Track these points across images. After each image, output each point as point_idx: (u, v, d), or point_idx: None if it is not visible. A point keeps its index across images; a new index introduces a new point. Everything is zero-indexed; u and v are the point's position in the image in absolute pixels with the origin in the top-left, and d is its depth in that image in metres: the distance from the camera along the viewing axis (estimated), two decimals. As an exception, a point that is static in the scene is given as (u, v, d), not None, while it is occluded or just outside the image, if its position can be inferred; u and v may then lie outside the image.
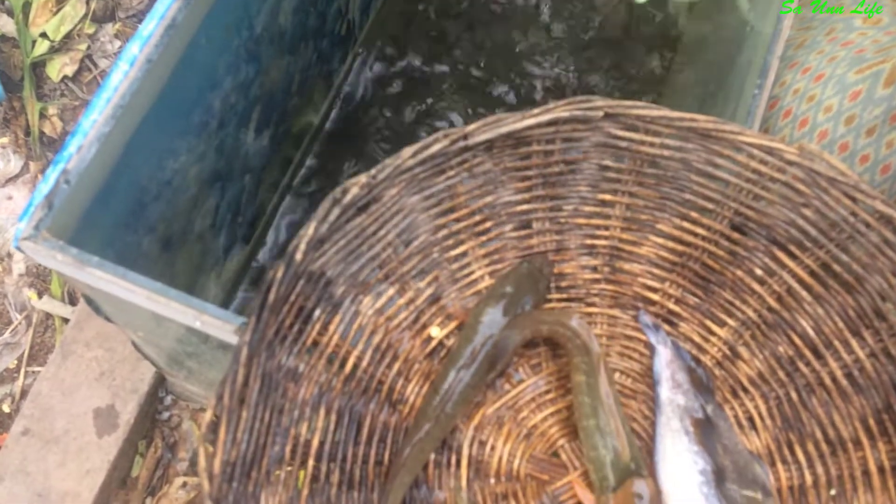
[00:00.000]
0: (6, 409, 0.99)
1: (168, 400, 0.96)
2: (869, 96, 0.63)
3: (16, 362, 1.02)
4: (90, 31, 1.21)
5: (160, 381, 0.93)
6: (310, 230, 0.45)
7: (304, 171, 1.01)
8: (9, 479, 0.87)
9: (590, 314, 0.55)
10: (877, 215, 0.49)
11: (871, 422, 0.50)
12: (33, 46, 1.17)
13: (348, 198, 0.46)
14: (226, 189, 0.85)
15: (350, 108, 1.04)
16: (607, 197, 0.54)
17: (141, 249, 0.73)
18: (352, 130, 1.03)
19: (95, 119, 0.58)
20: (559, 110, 0.50)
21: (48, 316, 1.04)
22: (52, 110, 1.15)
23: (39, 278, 1.06)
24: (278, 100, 0.88)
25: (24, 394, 1.00)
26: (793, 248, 0.52)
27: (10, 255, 1.07)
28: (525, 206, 0.54)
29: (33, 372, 1.01)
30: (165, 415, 0.95)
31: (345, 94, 1.05)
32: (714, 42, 0.86)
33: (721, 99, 0.71)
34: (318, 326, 0.47)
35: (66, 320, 1.02)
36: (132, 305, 0.56)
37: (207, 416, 0.43)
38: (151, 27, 0.58)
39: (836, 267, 0.51)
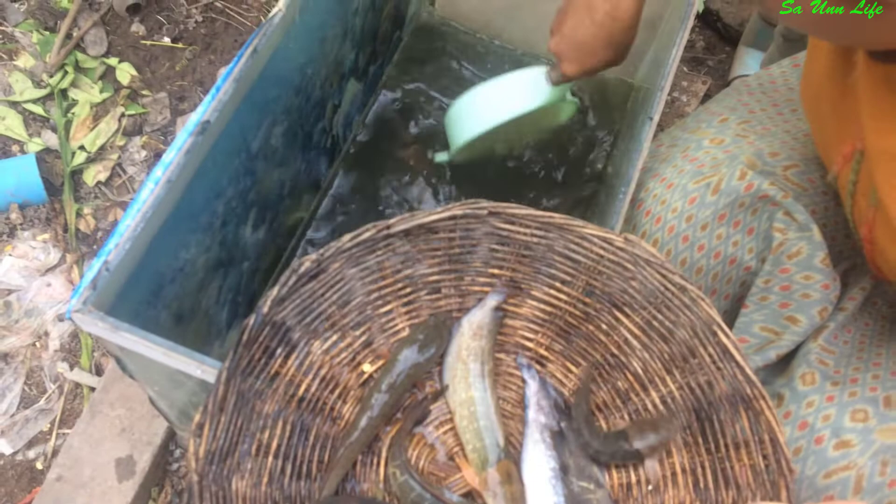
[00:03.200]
0: (39, 466, 1.22)
1: (178, 453, 1.19)
2: (702, 201, 0.87)
3: (49, 426, 1.25)
4: (121, 143, 1.48)
5: (172, 436, 1.17)
6: (274, 292, 0.70)
7: (297, 256, 1.26)
8: (43, 517, 1.10)
9: (482, 358, 0.79)
10: (678, 286, 0.72)
11: (679, 436, 0.72)
12: (73, 157, 1.44)
13: (302, 269, 0.71)
14: (228, 274, 1.08)
15: (335, 204, 1.31)
16: (496, 271, 0.79)
17: (159, 322, 0.95)
18: (337, 221, 1.29)
19: (129, 224, 0.80)
20: (456, 209, 0.75)
21: (77, 385, 1.27)
22: (87, 210, 1.41)
23: (71, 353, 1.30)
24: (272, 202, 1.14)
25: (55, 453, 1.23)
26: (626, 309, 0.76)
27: (46, 334, 1.32)
28: (435, 277, 0.79)
29: (63, 434, 1.24)
30: (175, 466, 1.19)
31: (331, 194, 1.31)
32: (608, 161, 1.13)
33: (603, 200, 0.97)
34: (279, 361, 0.72)
35: (92, 389, 1.26)
36: (151, 361, 0.78)
37: (196, 418, 0.66)
38: (171, 156, 0.83)
39: (655, 323, 0.75)
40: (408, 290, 0.79)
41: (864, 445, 0.73)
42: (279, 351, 0.71)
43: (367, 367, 0.77)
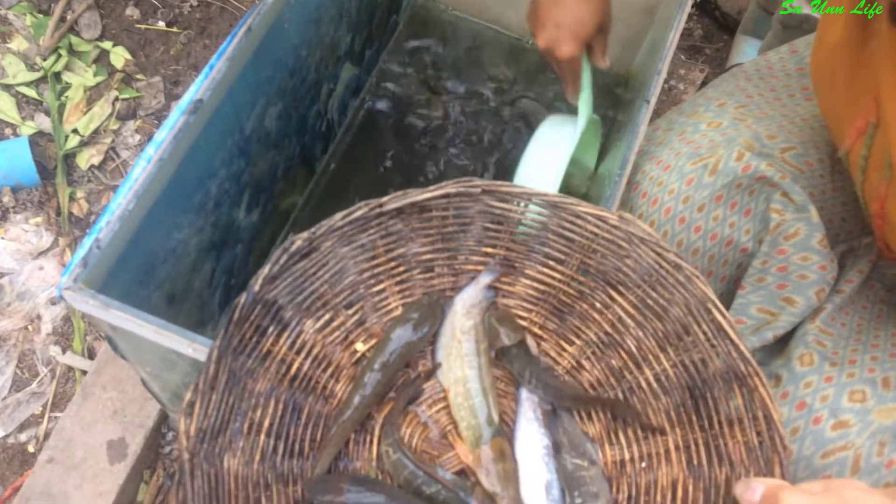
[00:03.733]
0: (31, 449, 1.22)
1: (170, 436, 1.19)
2: (699, 182, 0.87)
3: (41, 409, 1.25)
4: (114, 127, 1.47)
5: (164, 419, 1.16)
6: (265, 270, 0.69)
7: (291, 243, 1.26)
8: (35, 499, 1.09)
9: (475, 336, 0.79)
10: (672, 264, 0.72)
11: (672, 414, 0.72)
12: (66, 140, 1.43)
13: (294, 247, 0.71)
14: (221, 257, 1.08)
15: (330, 189, 1.30)
16: (489, 249, 0.79)
17: (151, 303, 0.95)
18: (332, 207, 1.29)
19: (120, 202, 0.80)
20: (449, 187, 0.75)
21: (70, 369, 1.27)
22: (80, 194, 1.41)
23: (63, 337, 1.30)
24: (266, 184, 1.13)
25: (46, 436, 1.23)
26: (620, 287, 0.76)
27: (39, 317, 1.31)
28: (428, 256, 0.78)
29: (55, 417, 1.24)
30: (167, 448, 1.18)
31: (326, 179, 1.31)
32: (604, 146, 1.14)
33: (601, 183, 0.96)
34: (271, 339, 0.71)
35: (84, 372, 1.26)
36: (142, 340, 0.78)
37: (187, 397, 0.65)
38: (164, 135, 0.82)
39: (649, 301, 0.74)
40: (401, 268, 0.78)
41: (861, 426, 0.73)
42: (271, 329, 0.71)
43: (360, 346, 0.76)
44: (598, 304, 0.77)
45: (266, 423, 0.70)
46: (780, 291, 0.83)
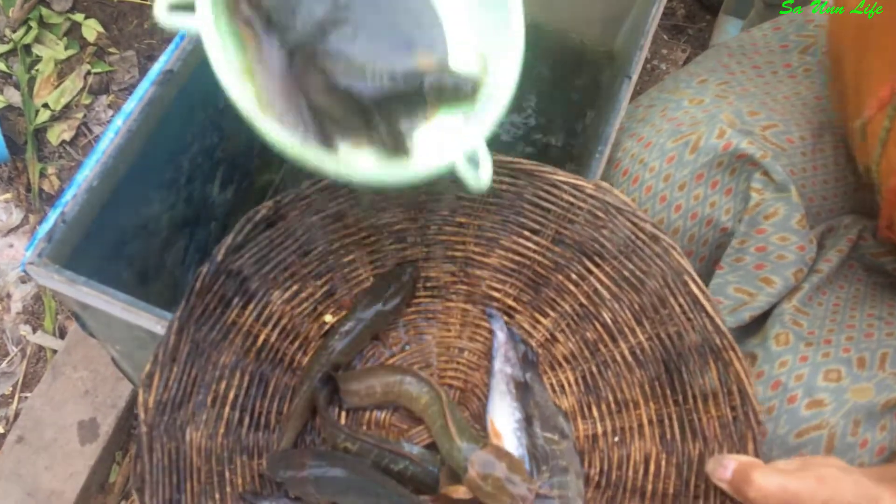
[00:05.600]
0: (1, 430, 1.21)
1: (141, 416, 1.17)
2: (680, 160, 0.86)
3: (11, 389, 1.24)
4: (86, 101, 1.45)
5: (136, 399, 1.15)
6: (228, 239, 0.68)
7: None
8: (4, 479, 1.08)
9: (448, 307, 0.78)
10: (649, 235, 0.71)
11: (647, 388, 0.72)
12: (36, 115, 1.41)
13: (259, 216, 0.69)
14: (194, 234, 1.06)
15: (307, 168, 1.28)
16: (463, 220, 0.77)
17: (121, 279, 0.93)
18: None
19: (87, 175, 0.78)
20: (421, 156, 0.73)
21: (41, 348, 1.26)
22: (51, 170, 1.39)
23: (34, 315, 1.28)
24: (240, 161, 1.11)
25: (16, 416, 1.21)
26: (596, 258, 0.75)
27: (9, 296, 1.30)
28: (401, 226, 0.77)
29: (26, 398, 1.23)
30: (139, 429, 1.17)
31: (303, 156, 1.29)
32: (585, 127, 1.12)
33: (579, 162, 0.96)
34: (236, 311, 0.70)
35: (55, 352, 1.24)
36: (111, 318, 0.76)
37: (146, 368, 0.64)
38: (132, 105, 0.80)
39: (626, 273, 0.73)
40: (371, 238, 0.77)
41: (836, 405, 0.72)
42: (236, 301, 0.70)
43: (329, 318, 0.75)
44: (573, 276, 0.76)
45: (231, 396, 0.69)
46: (758, 272, 0.82)
